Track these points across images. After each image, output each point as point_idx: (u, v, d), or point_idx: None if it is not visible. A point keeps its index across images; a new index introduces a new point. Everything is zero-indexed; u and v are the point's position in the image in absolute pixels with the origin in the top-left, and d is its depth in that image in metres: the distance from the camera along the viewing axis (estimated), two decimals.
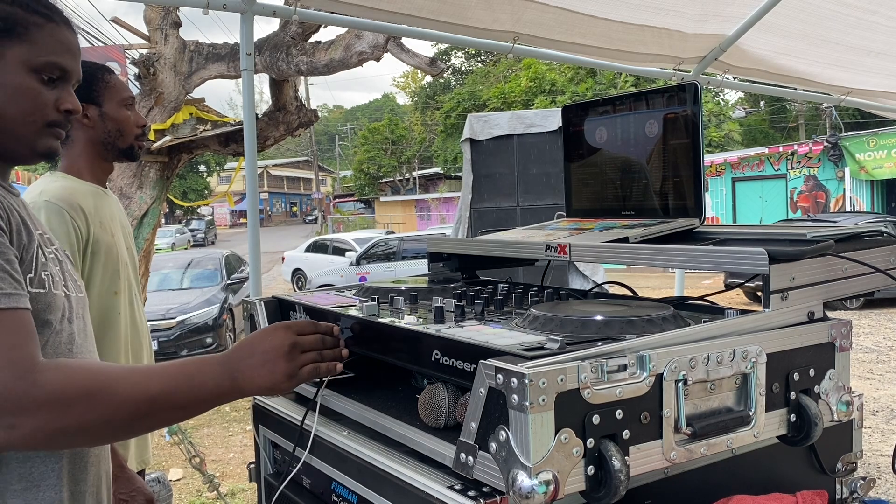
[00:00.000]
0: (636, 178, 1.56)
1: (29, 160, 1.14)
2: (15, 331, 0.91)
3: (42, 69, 1.08)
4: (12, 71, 1.07)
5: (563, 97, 21.42)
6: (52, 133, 1.12)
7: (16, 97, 1.07)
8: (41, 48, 1.08)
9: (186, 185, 37.50)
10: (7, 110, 1.07)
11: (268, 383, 1.05)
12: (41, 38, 1.08)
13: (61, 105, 1.12)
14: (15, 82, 1.07)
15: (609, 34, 3.27)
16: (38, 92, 1.09)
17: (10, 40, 1.06)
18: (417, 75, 40.76)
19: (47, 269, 1.08)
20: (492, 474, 0.91)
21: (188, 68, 5.75)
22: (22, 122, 1.09)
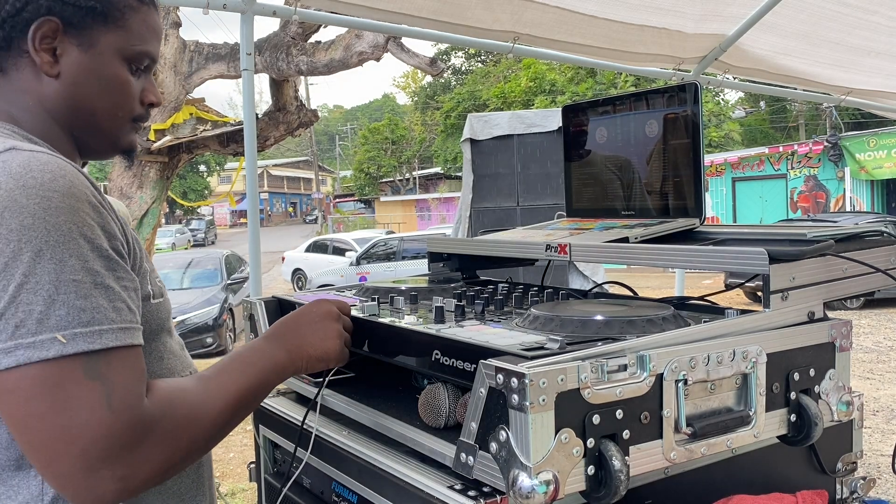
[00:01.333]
0: (636, 178, 1.56)
1: (107, 155, 1.08)
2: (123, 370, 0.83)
3: (135, 59, 1.01)
4: (108, 61, 0.98)
5: (563, 97, 21.43)
6: (134, 128, 1.06)
7: (109, 89, 0.99)
8: (135, 36, 1.00)
9: (186, 185, 37.52)
10: (97, 103, 0.99)
11: (320, 353, 1.08)
12: (135, 24, 1.00)
13: (146, 98, 1.05)
14: (110, 73, 0.99)
15: (609, 34, 3.27)
16: (129, 84, 1.01)
17: (105, 27, 0.97)
18: (417, 75, 40.78)
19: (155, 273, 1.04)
20: (492, 474, 0.91)
21: (188, 68, 5.75)
22: (111, 116, 1.01)
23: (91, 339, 0.80)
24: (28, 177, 0.82)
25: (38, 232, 0.80)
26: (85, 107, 0.99)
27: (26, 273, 0.78)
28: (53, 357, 0.77)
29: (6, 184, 0.81)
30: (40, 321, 0.78)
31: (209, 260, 11.56)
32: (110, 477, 0.78)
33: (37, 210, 0.80)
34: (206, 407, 0.90)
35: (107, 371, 0.80)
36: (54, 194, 0.82)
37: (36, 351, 0.77)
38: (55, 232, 0.80)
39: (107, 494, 0.79)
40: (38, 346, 0.77)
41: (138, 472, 0.81)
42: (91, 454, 0.77)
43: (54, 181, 0.83)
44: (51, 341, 0.78)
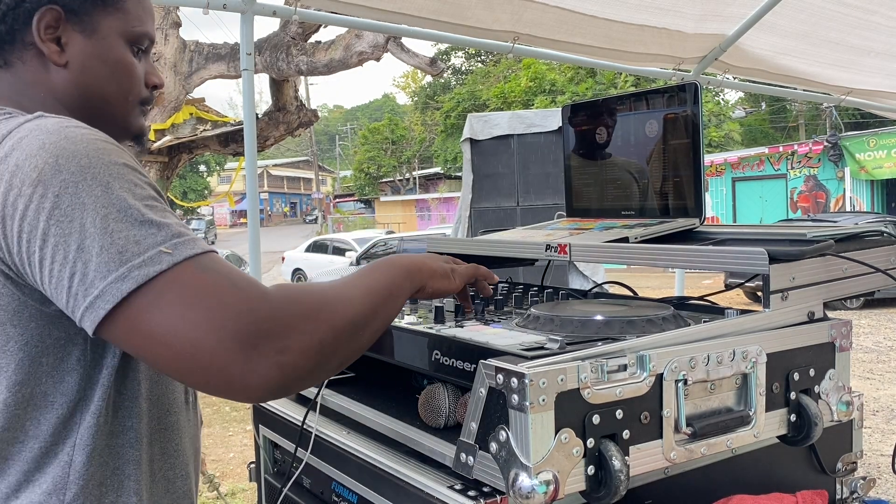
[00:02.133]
0: (636, 178, 1.56)
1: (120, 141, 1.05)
2: (226, 264, 0.82)
3: (136, 40, 1.01)
4: (112, 45, 0.98)
5: (563, 97, 21.44)
6: (143, 111, 1.06)
7: (117, 73, 0.99)
8: (134, 17, 1.00)
9: (186, 185, 37.52)
10: (107, 88, 0.99)
11: (442, 270, 1.09)
12: (132, 5, 1.00)
13: (150, 80, 1.05)
14: (115, 57, 0.99)
15: (609, 34, 3.27)
16: (135, 67, 1.01)
17: (104, 11, 0.97)
18: (417, 75, 40.78)
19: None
20: (492, 474, 0.91)
21: (188, 68, 5.75)
22: (122, 100, 1.01)
23: (192, 246, 0.80)
24: (67, 130, 0.84)
25: (100, 168, 0.80)
26: (96, 93, 0.99)
27: (105, 205, 0.78)
28: (168, 267, 0.77)
29: (48, 138, 0.82)
30: (138, 242, 0.78)
31: None
32: (270, 351, 0.77)
33: (89, 150, 0.81)
34: (343, 295, 0.89)
35: (216, 266, 0.80)
36: (97, 141, 0.84)
37: (148, 267, 0.76)
38: (113, 166, 0.82)
39: (272, 371, 0.77)
40: (149, 262, 0.77)
41: (292, 343, 0.79)
42: (242, 331, 0.76)
43: (92, 132, 0.86)
44: (158, 255, 0.77)
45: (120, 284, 0.76)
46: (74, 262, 0.77)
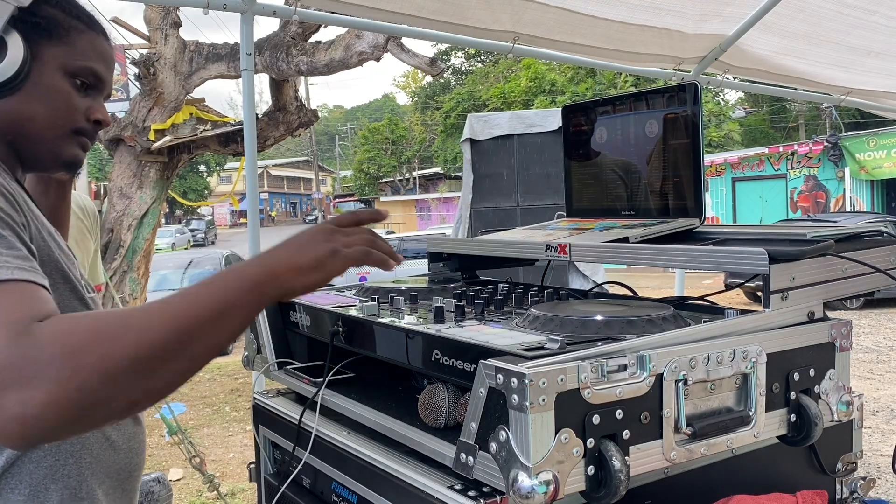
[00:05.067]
0: (636, 178, 1.56)
1: (51, 168, 1.09)
2: (14, 298, 0.76)
3: (78, 73, 1.05)
4: (48, 72, 1.02)
5: (563, 97, 21.43)
6: (78, 142, 1.07)
7: (48, 99, 1.03)
8: (79, 52, 1.04)
9: (186, 185, 37.52)
10: (37, 112, 1.02)
11: (309, 260, 0.89)
12: (80, 42, 1.05)
13: (92, 114, 1.07)
14: (50, 83, 1.02)
15: (609, 34, 3.27)
16: (71, 96, 1.05)
17: (49, 41, 1.02)
18: (417, 75, 40.76)
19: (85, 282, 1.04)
20: (492, 474, 0.91)
21: (188, 68, 5.75)
22: (51, 125, 1.03)
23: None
24: None
25: None
26: (24, 114, 1.01)
27: None
28: None
29: None
30: None
31: (209, 260, 11.56)
32: (7, 402, 0.69)
33: None
34: (126, 321, 0.77)
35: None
36: None
37: None
38: None
39: (12, 423, 0.69)
40: None
41: (36, 393, 0.69)
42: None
43: None
44: None
45: None
46: None
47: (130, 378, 0.74)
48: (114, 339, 0.74)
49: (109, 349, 0.73)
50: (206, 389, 7.21)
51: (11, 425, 0.69)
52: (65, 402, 0.70)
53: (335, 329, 1.34)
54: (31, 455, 0.95)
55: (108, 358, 0.73)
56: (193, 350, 0.79)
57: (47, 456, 0.97)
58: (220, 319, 0.81)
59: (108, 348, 0.73)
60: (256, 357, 1.58)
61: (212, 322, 0.80)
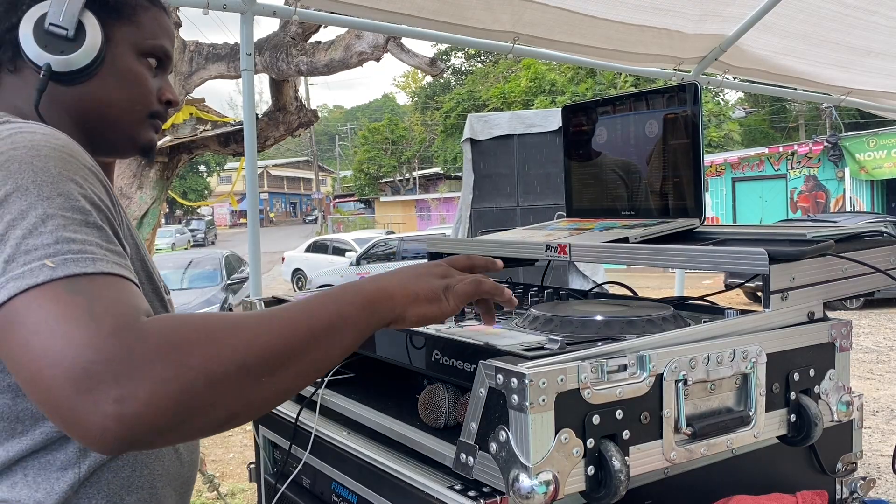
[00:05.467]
0: (636, 179, 1.56)
1: (126, 152, 1.06)
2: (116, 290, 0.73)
3: (150, 53, 1.02)
4: (122, 54, 0.99)
5: (563, 97, 21.44)
6: (153, 125, 1.05)
7: (125, 83, 0.99)
8: (148, 31, 1.01)
9: (186, 185, 37.54)
10: (114, 96, 0.99)
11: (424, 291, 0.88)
12: (146, 20, 1.01)
13: (163, 95, 1.05)
14: (125, 66, 0.99)
15: (609, 34, 3.27)
16: (146, 78, 1.02)
17: (119, 22, 0.99)
18: (417, 75, 40.77)
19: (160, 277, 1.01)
20: (492, 474, 0.91)
21: (188, 68, 5.75)
22: (129, 110, 1.01)
23: (83, 264, 0.73)
24: (18, 136, 0.82)
25: (25, 175, 0.77)
26: (101, 99, 0.99)
27: (14, 212, 0.75)
28: (43, 282, 0.70)
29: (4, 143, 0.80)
30: (28, 252, 0.72)
31: (209, 260, 11.56)
32: (105, 398, 0.65)
33: (24, 157, 0.78)
34: (239, 325, 0.73)
35: (93, 287, 0.71)
36: (44, 147, 0.81)
37: (25, 280, 0.70)
38: (43, 174, 0.78)
39: (108, 422, 0.65)
40: (27, 274, 0.71)
41: (138, 391, 0.65)
42: (77, 371, 0.65)
43: (45, 137, 0.83)
44: (39, 268, 0.71)
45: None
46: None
47: (235, 385, 0.70)
48: (224, 340, 0.71)
49: (218, 351, 0.70)
50: None
51: (106, 424, 0.65)
52: (166, 403, 0.66)
53: None
54: (110, 464, 0.92)
55: (216, 360, 0.69)
56: (302, 362, 0.76)
57: (125, 466, 0.94)
58: (332, 333, 0.79)
59: (217, 350, 0.70)
60: None
61: (324, 334, 0.78)
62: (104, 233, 0.79)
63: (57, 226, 0.74)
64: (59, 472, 0.88)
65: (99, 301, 0.70)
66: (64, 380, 0.65)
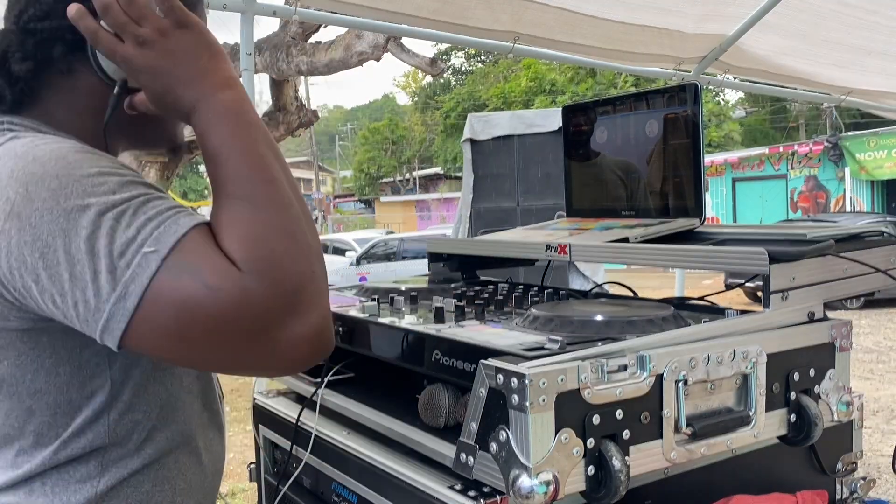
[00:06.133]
0: (636, 179, 1.56)
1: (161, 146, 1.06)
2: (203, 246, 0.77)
3: None
4: None
5: (564, 97, 21.44)
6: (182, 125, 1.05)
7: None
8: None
9: (186, 186, 37.53)
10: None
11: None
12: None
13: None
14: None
15: (609, 34, 3.27)
16: None
17: None
18: (417, 75, 40.77)
19: None
20: (492, 474, 0.91)
21: None
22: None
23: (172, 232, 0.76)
24: (36, 150, 0.81)
25: (71, 187, 0.77)
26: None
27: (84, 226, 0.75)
28: (157, 268, 0.74)
29: (17, 164, 0.79)
30: (123, 253, 0.75)
31: None
32: (274, 335, 0.75)
33: (58, 170, 0.78)
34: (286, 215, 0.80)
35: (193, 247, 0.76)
36: (68, 152, 0.81)
37: (141, 277, 0.74)
38: (85, 179, 0.78)
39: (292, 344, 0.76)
40: (139, 271, 0.74)
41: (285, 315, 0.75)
42: (241, 326, 0.74)
43: (62, 146, 0.83)
44: (144, 259, 0.75)
45: (123, 303, 0.74)
46: (73, 292, 0.75)
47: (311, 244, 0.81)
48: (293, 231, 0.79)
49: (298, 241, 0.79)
50: None
51: (294, 346, 0.76)
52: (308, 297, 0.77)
53: (335, 329, 1.34)
54: (130, 479, 0.92)
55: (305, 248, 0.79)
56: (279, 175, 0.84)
57: (146, 481, 0.94)
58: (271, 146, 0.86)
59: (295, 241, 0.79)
60: None
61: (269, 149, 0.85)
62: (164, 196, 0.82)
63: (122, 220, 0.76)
64: (77, 485, 0.88)
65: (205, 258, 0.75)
66: (234, 336, 0.74)
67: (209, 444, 1.03)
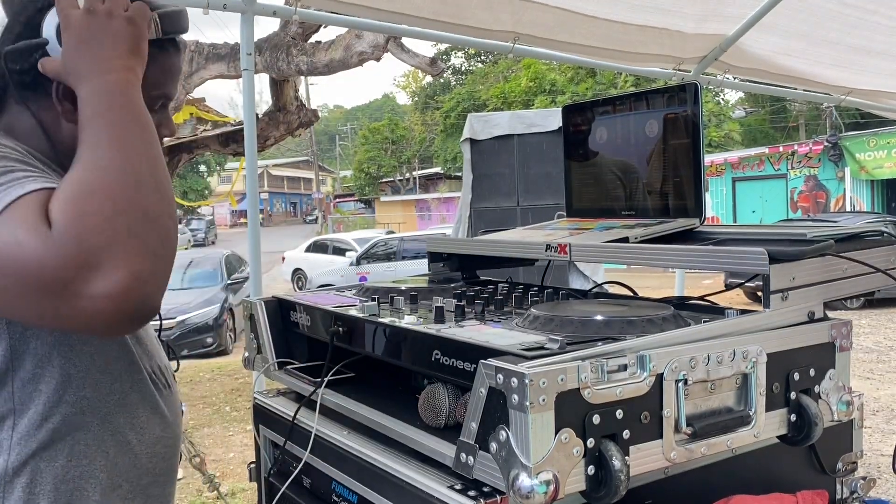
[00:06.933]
0: (636, 178, 1.56)
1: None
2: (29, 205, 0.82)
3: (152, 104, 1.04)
4: None
5: (563, 97, 21.45)
6: None
7: None
8: (154, 83, 1.04)
9: (186, 185, 37.51)
10: None
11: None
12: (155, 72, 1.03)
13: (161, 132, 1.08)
14: None
15: (609, 34, 3.27)
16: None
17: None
18: (418, 75, 40.76)
19: None
20: (492, 474, 0.91)
21: (188, 68, 5.75)
22: None
23: (12, 193, 0.82)
24: None
25: None
26: None
27: None
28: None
29: None
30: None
31: (209, 260, 11.56)
32: (74, 290, 0.78)
33: None
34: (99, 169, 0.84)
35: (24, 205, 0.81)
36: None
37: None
38: None
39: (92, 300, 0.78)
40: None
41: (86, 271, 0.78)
42: (42, 279, 0.78)
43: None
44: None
45: None
46: None
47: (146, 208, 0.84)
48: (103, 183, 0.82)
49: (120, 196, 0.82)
50: (207, 389, 7.21)
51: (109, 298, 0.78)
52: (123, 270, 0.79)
53: (335, 329, 1.34)
54: (41, 453, 0.96)
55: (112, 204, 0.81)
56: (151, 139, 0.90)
57: (59, 456, 0.98)
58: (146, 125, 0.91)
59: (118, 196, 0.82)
60: (256, 357, 1.58)
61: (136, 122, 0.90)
62: (28, 164, 0.89)
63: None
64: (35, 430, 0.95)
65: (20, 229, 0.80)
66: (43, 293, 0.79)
67: (137, 424, 1.05)
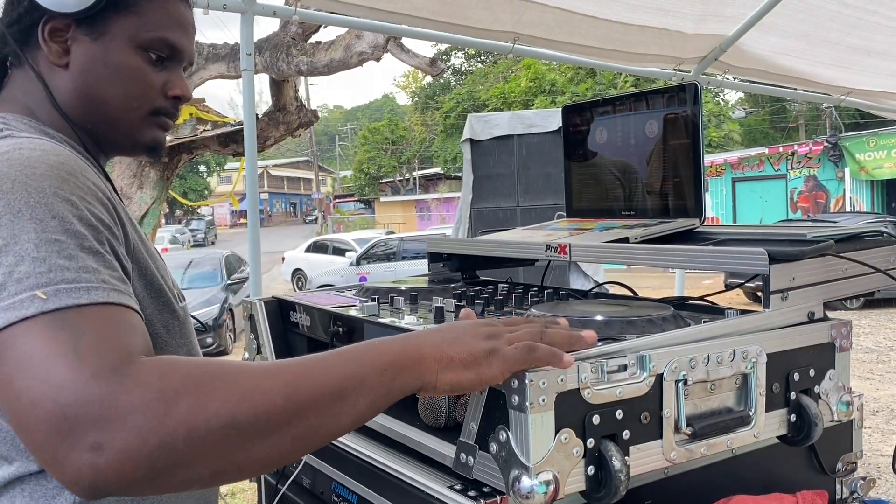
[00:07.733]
0: (636, 179, 1.56)
1: (131, 152, 1.03)
2: (107, 326, 0.70)
3: (150, 46, 0.96)
4: (117, 47, 0.94)
5: (563, 97, 21.45)
6: (158, 123, 1.00)
7: (119, 78, 0.94)
8: (151, 22, 0.95)
9: (186, 185, 37.54)
10: (109, 93, 0.95)
11: (462, 354, 0.78)
12: (150, 10, 0.95)
13: (170, 90, 0.99)
14: (119, 60, 0.94)
15: (609, 35, 3.27)
16: (145, 73, 0.96)
17: (116, 13, 0.93)
18: (417, 75, 40.76)
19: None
20: (492, 474, 0.91)
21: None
22: (125, 107, 0.96)
23: (76, 295, 0.70)
24: (15, 153, 0.79)
25: (18, 195, 0.74)
26: (95, 96, 0.96)
27: (5, 236, 0.72)
28: (33, 314, 0.68)
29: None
30: (19, 280, 0.69)
31: (209, 260, 11.56)
32: (81, 444, 0.63)
33: (18, 176, 0.76)
34: (234, 377, 0.68)
35: (83, 321, 0.69)
36: (40, 165, 0.78)
37: (15, 311, 0.68)
38: (36, 194, 0.74)
39: (83, 468, 0.63)
40: (17, 306, 0.68)
41: (114, 440, 0.63)
42: (55, 414, 0.63)
43: (44, 155, 0.80)
44: (30, 299, 0.68)
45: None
46: None
47: (220, 443, 0.65)
48: (213, 393, 0.66)
49: (204, 403, 0.65)
50: None
51: (81, 470, 0.63)
52: (140, 456, 0.63)
53: (335, 329, 1.34)
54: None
55: (201, 413, 0.65)
56: (302, 427, 0.69)
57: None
58: (343, 398, 0.71)
59: (203, 402, 0.65)
60: (256, 357, 1.58)
61: (333, 398, 0.71)
62: (101, 257, 0.76)
63: (50, 252, 0.72)
64: (56, 490, 0.86)
65: (87, 338, 0.67)
66: (43, 421, 0.64)
67: None
